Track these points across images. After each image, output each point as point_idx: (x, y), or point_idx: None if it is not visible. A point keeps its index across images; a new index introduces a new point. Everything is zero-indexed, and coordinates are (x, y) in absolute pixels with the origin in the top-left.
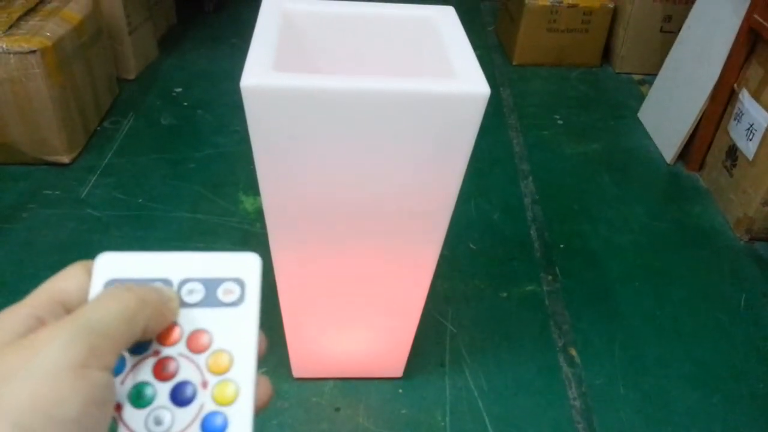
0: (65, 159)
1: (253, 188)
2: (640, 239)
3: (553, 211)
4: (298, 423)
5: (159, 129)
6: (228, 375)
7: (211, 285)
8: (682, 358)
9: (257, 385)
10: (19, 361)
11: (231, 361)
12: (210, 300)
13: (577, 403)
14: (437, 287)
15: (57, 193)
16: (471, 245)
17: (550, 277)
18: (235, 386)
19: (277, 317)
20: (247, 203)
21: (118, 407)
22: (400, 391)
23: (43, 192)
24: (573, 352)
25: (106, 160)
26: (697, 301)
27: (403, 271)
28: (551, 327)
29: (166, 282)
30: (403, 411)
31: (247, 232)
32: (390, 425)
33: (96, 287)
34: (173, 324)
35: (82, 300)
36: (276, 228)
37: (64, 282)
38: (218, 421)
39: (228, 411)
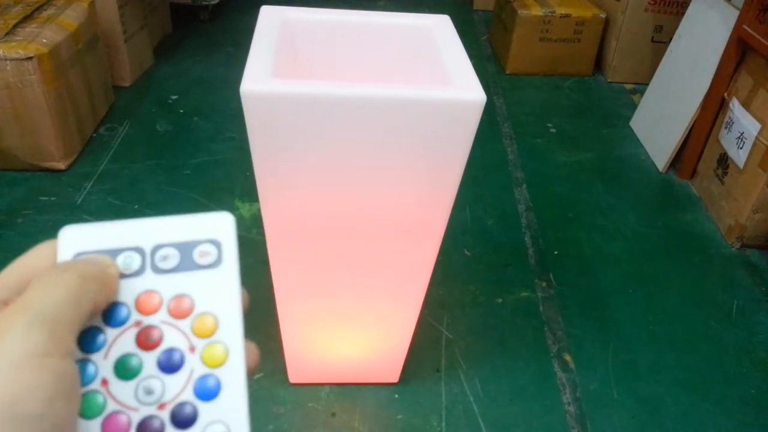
0: (61, 165)
1: (248, 195)
2: (633, 246)
3: (547, 219)
4: (294, 428)
5: (154, 136)
6: (215, 337)
7: (185, 248)
8: (675, 364)
9: (246, 346)
10: None
11: (216, 323)
12: (186, 264)
13: (571, 408)
14: (433, 293)
15: (52, 199)
16: (466, 252)
17: (544, 284)
18: (223, 347)
19: (274, 322)
20: (243, 210)
21: (104, 382)
22: (396, 396)
23: (38, 198)
24: (567, 357)
25: (102, 167)
26: (689, 308)
27: (399, 278)
28: (546, 333)
29: (138, 250)
30: (399, 416)
31: (244, 239)
32: (386, 430)
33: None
34: (151, 292)
35: None
36: (274, 233)
37: (32, 260)
38: (211, 383)
39: (219, 372)
